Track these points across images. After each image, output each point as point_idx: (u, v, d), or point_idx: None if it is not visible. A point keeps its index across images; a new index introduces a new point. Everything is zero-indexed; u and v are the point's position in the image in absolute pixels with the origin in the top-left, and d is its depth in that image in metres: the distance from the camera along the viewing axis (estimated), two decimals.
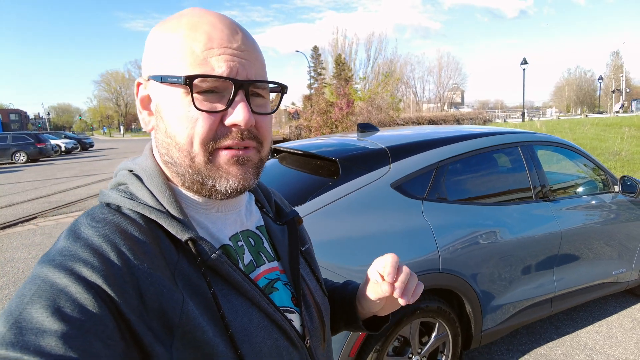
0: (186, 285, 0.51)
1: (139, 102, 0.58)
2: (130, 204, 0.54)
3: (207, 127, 0.52)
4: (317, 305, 0.69)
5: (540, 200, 2.54)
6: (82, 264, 0.45)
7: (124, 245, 0.49)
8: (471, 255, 2.13)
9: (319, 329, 0.68)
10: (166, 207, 0.55)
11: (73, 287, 0.44)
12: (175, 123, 0.53)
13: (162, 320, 0.47)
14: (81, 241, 0.48)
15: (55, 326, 0.41)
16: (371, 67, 38.28)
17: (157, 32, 0.56)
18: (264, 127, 0.57)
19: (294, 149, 2.52)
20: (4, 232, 6.07)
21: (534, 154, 2.63)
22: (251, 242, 0.64)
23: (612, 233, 2.88)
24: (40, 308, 0.42)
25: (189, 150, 0.53)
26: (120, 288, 0.46)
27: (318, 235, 1.77)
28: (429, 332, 2.15)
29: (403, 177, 2.07)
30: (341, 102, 14.16)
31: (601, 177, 3.06)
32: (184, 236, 0.53)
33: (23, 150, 19.18)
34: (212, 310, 0.52)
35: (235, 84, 0.52)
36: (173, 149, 0.54)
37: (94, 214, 0.53)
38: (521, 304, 2.41)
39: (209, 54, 0.52)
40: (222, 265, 0.54)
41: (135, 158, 0.62)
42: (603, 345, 2.69)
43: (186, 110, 0.52)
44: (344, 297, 0.80)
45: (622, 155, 9.80)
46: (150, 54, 0.57)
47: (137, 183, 0.57)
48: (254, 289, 0.57)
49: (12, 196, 9.23)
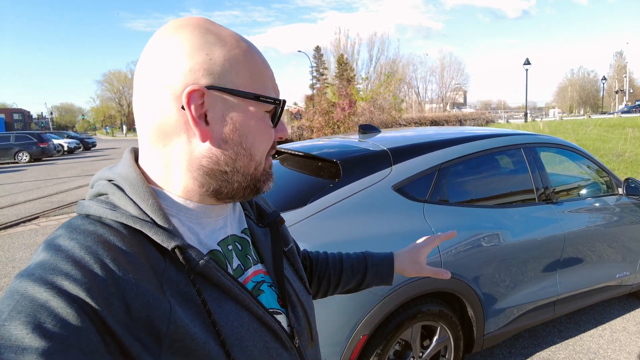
0: (175, 293, 0.51)
1: (195, 109, 0.53)
2: (112, 215, 0.52)
3: (272, 141, 0.61)
4: (302, 305, 0.70)
5: (543, 202, 2.52)
6: (63, 277, 0.44)
7: (107, 256, 0.48)
8: (473, 258, 2.11)
9: (306, 328, 0.69)
10: (150, 216, 0.53)
11: (54, 302, 0.42)
12: (255, 137, 0.58)
13: (149, 330, 0.47)
14: (62, 253, 0.46)
15: (36, 343, 0.39)
16: (373, 67, 38.26)
17: (209, 39, 0.54)
18: None
19: (295, 151, 2.50)
20: (5, 232, 6.08)
21: (537, 156, 2.61)
22: (238, 246, 0.65)
23: (616, 236, 2.85)
24: (19, 324, 0.40)
25: (259, 160, 0.60)
26: (105, 300, 0.45)
27: (319, 237, 1.75)
28: (431, 336, 2.13)
29: (405, 179, 2.05)
30: (343, 103, 14.14)
31: (605, 179, 3.04)
32: (170, 244, 0.52)
33: (26, 149, 19.25)
34: (202, 316, 0.52)
35: (283, 106, 0.60)
36: (244, 158, 0.58)
37: (74, 225, 0.51)
38: (524, 307, 2.39)
39: (272, 80, 0.60)
40: (211, 270, 0.54)
41: (112, 167, 0.60)
42: (607, 350, 2.67)
43: (265, 126, 0.59)
44: (381, 264, 0.97)
45: (626, 156, 9.73)
46: (219, 64, 0.54)
47: (119, 193, 0.55)
48: (243, 292, 0.57)
49: (14, 196, 9.25)
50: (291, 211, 1.84)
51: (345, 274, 0.95)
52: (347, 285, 0.97)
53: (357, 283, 0.97)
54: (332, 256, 0.98)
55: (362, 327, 1.78)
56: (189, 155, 0.56)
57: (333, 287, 0.95)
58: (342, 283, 0.96)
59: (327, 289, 0.95)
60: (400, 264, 0.98)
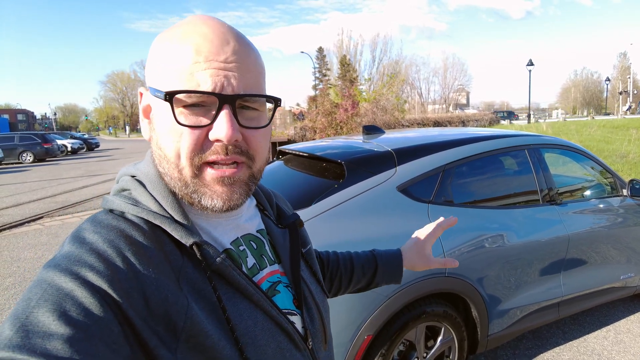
0: (191, 290, 0.52)
1: (142, 111, 0.59)
2: (134, 210, 0.55)
3: (191, 141, 0.52)
4: (317, 306, 0.70)
5: (547, 203, 2.52)
6: (87, 269, 0.46)
7: (129, 250, 0.49)
8: (478, 259, 2.11)
9: (320, 330, 0.69)
10: (170, 213, 0.55)
11: (79, 291, 0.44)
12: (164, 135, 0.54)
13: (167, 325, 0.48)
14: (86, 246, 0.49)
15: (62, 330, 0.41)
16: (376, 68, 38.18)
17: (157, 41, 0.57)
18: (255, 141, 0.56)
19: (299, 151, 2.51)
20: (10, 231, 6.11)
21: (541, 157, 2.61)
22: (253, 245, 0.65)
23: (621, 237, 2.84)
24: (46, 312, 0.42)
25: (177, 162, 0.53)
26: (126, 292, 0.46)
27: (324, 238, 1.76)
28: (435, 337, 2.13)
29: (409, 180, 2.06)
30: (346, 104, 14.12)
31: (609, 180, 3.03)
32: (188, 241, 0.53)
33: (30, 150, 19.35)
34: (217, 313, 0.53)
35: (220, 98, 0.51)
36: (163, 160, 0.55)
37: (98, 219, 0.53)
38: (528, 309, 2.39)
39: (195, 68, 0.51)
40: (227, 269, 0.54)
41: (137, 163, 0.63)
42: (611, 351, 2.66)
43: (172, 123, 0.52)
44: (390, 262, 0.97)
45: (630, 157, 9.68)
46: (148, 64, 0.57)
47: (140, 189, 0.57)
48: (257, 292, 0.57)
49: (18, 196, 9.30)
50: (296, 211, 1.84)
51: (356, 273, 0.96)
52: (357, 285, 0.97)
53: (367, 282, 0.97)
54: (342, 256, 0.99)
55: (367, 328, 1.79)
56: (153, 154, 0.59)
57: (344, 287, 0.96)
58: (353, 283, 0.96)
59: (339, 288, 0.96)
60: (408, 260, 0.99)
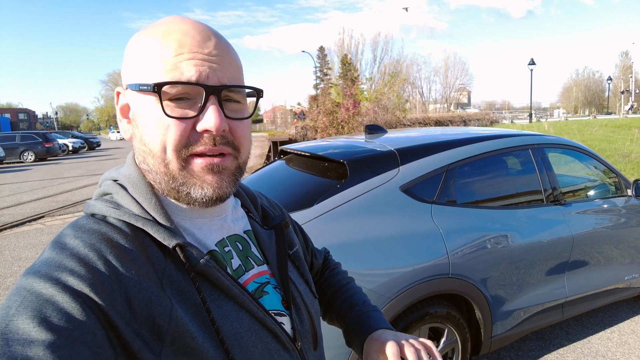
0: (175, 292, 0.52)
1: (119, 110, 0.59)
2: (115, 213, 0.54)
3: (178, 133, 0.52)
4: (307, 307, 0.69)
5: (551, 204, 2.50)
6: (68, 273, 0.45)
7: (111, 253, 0.49)
8: (481, 260, 2.09)
9: (310, 331, 0.68)
10: (152, 215, 0.55)
11: (59, 297, 0.43)
12: (149, 130, 0.53)
13: (151, 327, 0.48)
14: (67, 251, 0.48)
15: (43, 336, 0.40)
16: (377, 68, 38.14)
17: (134, 40, 0.57)
18: (240, 133, 0.57)
19: (301, 151, 2.49)
20: (11, 231, 6.11)
21: (545, 156, 2.59)
22: (239, 246, 0.65)
23: (625, 237, 2.82)
24: (26, 319, 0.41)
25: (163, 157, 0.53)
26: (108, 296, 0.46)
27: (326, 238, 1.74)
28: (438, 338, 2.11)
29: (412, 180, 2.04)
30: (347, 103, 14.09)
31: (613, 180, 3.01)
32: (171, 243, 0.53)
33: (31, 149, 19.37)
34: (202, 315, 0.52)
35: (206, 89, 0.52)
36: (148, 156, 0.55)
37: (79, 224, 0.53)
38: (532, 310, 2.37)
39: (179, 59, 0.52)
40: (211, 270, 0.54)
41: (119, 167, 0.62)
42: (615, 352, 2.64)
43: (158, 117, 0.52)
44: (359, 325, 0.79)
45: (633, 157, 9.65)
46: (127, 62, 0.57)
47: (122, 192, 0.57)
48: (243, 293, 0.57)
49: (20, 195, 9.31)
50: (298, 212, 1.83)
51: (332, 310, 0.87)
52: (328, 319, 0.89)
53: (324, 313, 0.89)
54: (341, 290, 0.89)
55: None
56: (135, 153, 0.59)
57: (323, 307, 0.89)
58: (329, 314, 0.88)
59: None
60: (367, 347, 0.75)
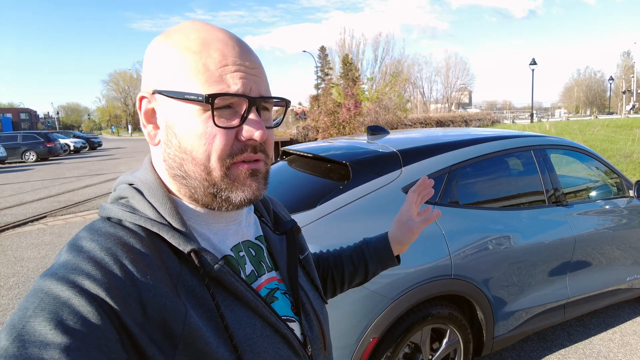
0: (189, 297, 0.52)
1: (143, 115, 0.58)
2: (131, 218, 0.54)
3: (224, 143, 0.54)
4: (316, 313, 0.70)
5: (553, 204, 2.50)
6: (84, 277, 0.46)
7: (126, 257, 0.49)
8: (483, 261, 2.09)
9: (319, 336, 0.69)
10: (168, 220, 0.55)
11: (76, 300, 0.44)
12: (191, 139, 0.54)
13: (165, 332, 0.48)
14: (83, 254, 0.48)
15: (58, 339, 0.41)
16: (378, 68, 38.16)
17: (162, 45, 0.56)
18: (270, 140, 0.59)
19: (304, 152, 2.50)
20: (14, 231, 6.12)
21: (547, 157, 2.59)
22: (252, 252, 0.65)
23: (627, 238, 2.82)
24: (43, 321, 0.42)
25: (206, 164, 0.54)
26: (123, 300, 0.46)
27: (328, 239, 1.74)
28: (440, 339, 2.11)
29: (415, 181, 2.04)
30: (349, 103, 14.10)
31: (615, 181, 3.01)
32: (186, 248, 0.53)
33: (33, 149, 19.39)
34: (215, 320, 0.53)
35: (250, 101, 0.54)
36: (188, 163, 0.55)
37: (95, 227, 0.53)
38: (534, 311, 2.37)
39: (224, 71, 0.53)
40: (225, 275, 0.54)
41: (134, 171, 0.62)
42: (617, 353, 2.64)
43: (204, 127, 0.53)
44: (378, 247, 0.92)
45: (634, 157, 9.64)
46: (156, 68, 0.56)
47: (138, 196, 0.57)
48: (256, 298, 0.57)
49: (21, 195, 9.33)
50: (301, 213, 1.84)
51: (347, 269, 0.92)
52: (353, 280, 0.93)
53: (363, 275, 0.93)
54: (332, 255, 0.95)
55: (372, 330, 1.78)
56: (161, 158, 0.59)
57: (340, 285, 0.93)
58: (347, 279, 0.92)
59: (334, 288, 0.93)
60: (397, 239, 0.91)
